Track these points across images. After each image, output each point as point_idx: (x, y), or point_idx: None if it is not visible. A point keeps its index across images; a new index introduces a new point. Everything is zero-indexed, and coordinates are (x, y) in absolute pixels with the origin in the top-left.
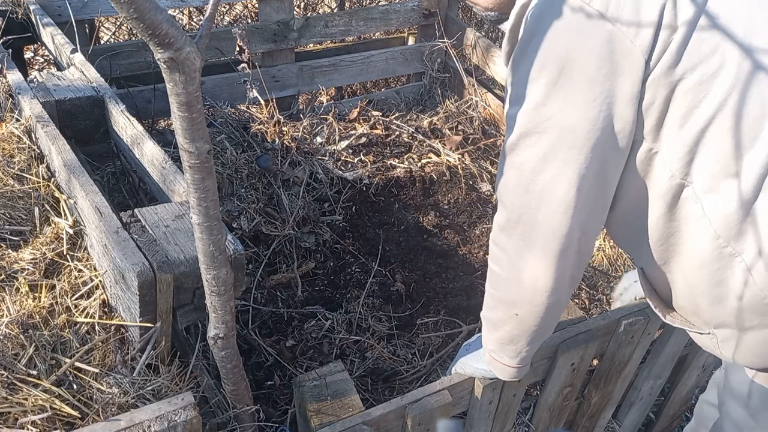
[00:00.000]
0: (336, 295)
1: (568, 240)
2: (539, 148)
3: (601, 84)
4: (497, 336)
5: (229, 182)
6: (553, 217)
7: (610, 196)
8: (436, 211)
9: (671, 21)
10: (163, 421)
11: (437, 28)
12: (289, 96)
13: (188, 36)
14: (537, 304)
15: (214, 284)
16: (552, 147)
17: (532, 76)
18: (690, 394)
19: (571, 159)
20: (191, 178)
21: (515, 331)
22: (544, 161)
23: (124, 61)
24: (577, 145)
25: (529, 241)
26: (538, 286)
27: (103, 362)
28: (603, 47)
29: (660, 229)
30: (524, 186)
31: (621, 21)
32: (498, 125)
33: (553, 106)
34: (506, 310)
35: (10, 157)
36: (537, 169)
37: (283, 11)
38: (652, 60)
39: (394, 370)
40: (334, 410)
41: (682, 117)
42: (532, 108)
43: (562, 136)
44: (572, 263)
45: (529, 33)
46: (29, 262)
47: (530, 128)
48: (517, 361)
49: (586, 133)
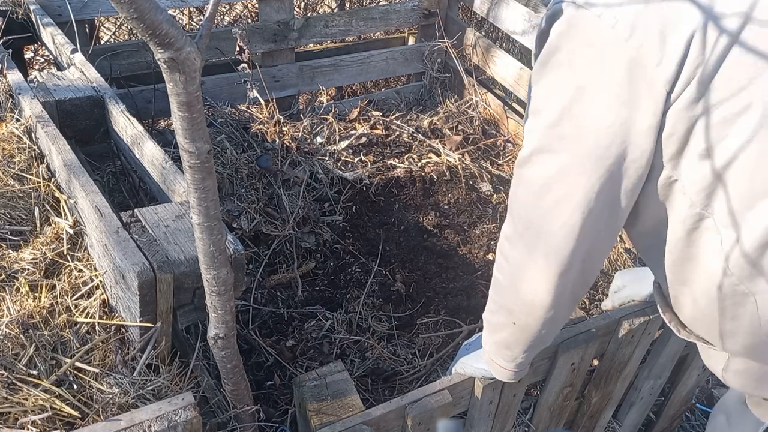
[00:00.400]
0: (336, 295)
1: (570, 261)
2: (550, 167)
3: (618, 111)
4: (495, 339)
5: (229, 182)
6: (556, 238)
7: (622, 220)
8: (436, 211)
9: (698, 54)
10: (164, 421)
11: (437, 28)
12: (289, 96)
13: (188, 36)
14: (535, 316)
15: (214, 284)
16: (562, 168)
17: (550, 93)
18: (690, 394)
19: (580, 183)
20: (191, 178)
21: (512, 338)
22: (553, 181)
23: (124, 61)
24: (588, 169)
25: (532, 255)
26: (536, 301)
27: (103, 362)
28: (623, 74)
29: (677, 253)
30: (532, 202)
31: (645, 49)
32: (498, 125)
33: (567, 128)
34: (505, 317)
35: (10, 157)
36: (545, 188)
37: (283, 11)
38: (674, 92)
39: (394, 370)
40: (334, 410)
41: (704, 151)
42: (546, 125)
43: (574, 159)
44: (574, 282)
45: (553, 47)
46: (29, 262)
47: (543, 145)
48: (513, 366)
49: (598, 158)
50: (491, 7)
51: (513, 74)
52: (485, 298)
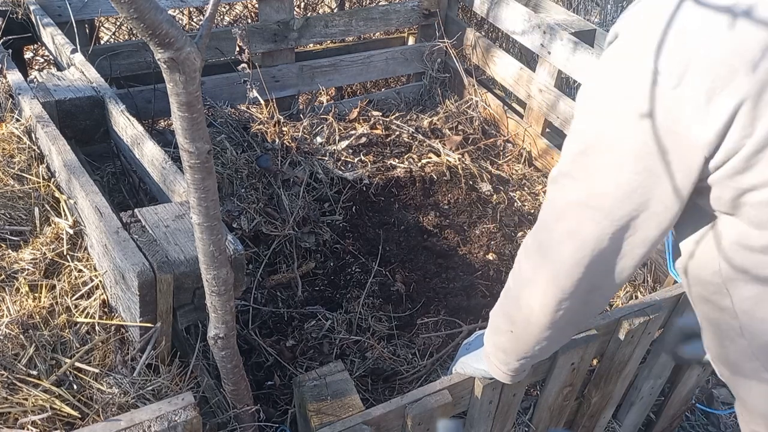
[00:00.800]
0: (336, 295)
1: (572, 292)
2: (569, 194)
3: (646, 160)
4: (495, 340)
5: (229, 182)
6: (563, 266)
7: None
8: (436, 211)
9: (747, 124)
10: (163, 421)
11: (437, 28)
12: (289, 96)
13: (188, 36)
14: (530, 332)
15: (214, 284)
16: (579, 199)
17: (585, 121)
18: (690, 394)
19: (594, 220)
20: (191, 178)
21: (508, 344)
22: (569, 209)
23: (124, 61)
24: (605, 208)
25: (537, 273)
26: (532, 318)
27: (103, 362)
28: (659, 124)
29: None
30: (549, 223)
31: (688, 105)
32: (498, 125)
33: (593, 163)
34: (506, 323)
35: (10, 157)
36: (562, 214)
37: (283, 11)
38: (714, 159)
39: (394, 370)
40: (334, 410)
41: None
42: (574, 152)
43: (592, 195)
44: (575, 311)
45: (599, 73)
46: (29, 262)
47: (569, 170)
48: (507, 369)
49: (617, 200)
50: (491, 7)
51: (513, 74)
52: (485, 298)
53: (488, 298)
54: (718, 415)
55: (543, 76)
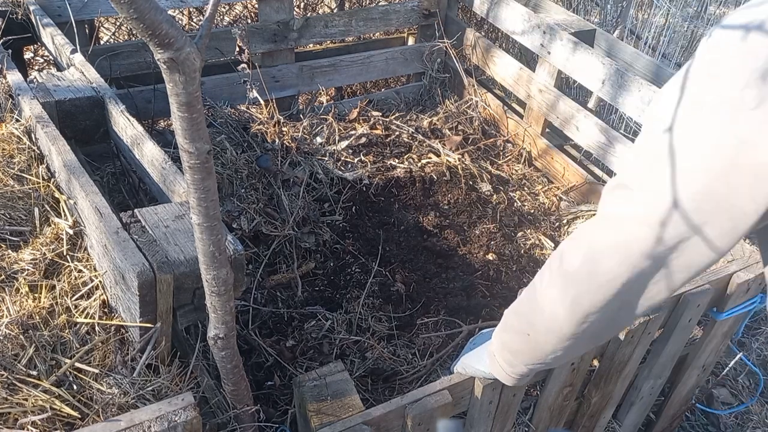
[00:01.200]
0: (336, 296)
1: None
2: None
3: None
4: (504, 338)
5: (229, 182)
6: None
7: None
8: (436, 211)
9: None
10: (163, 422)
11: (437, 28)
12: (289, 96)
13: (188, 36)
14: (549, 340)
15: (214, 284)
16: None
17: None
18: (690, 394)
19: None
20: (191, 178)
21: (520, 345)
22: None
23: (124, 62)
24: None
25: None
26: (554, 326)
27: (103, 363)
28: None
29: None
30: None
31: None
32: (498, 125)
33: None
34: (523, 324)
35: (10, 157)
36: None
37: (283, 11)
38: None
39: (394, 370)
40: (334, 410)
41: None
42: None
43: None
44: (600, 326)
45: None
46: (29, 262)
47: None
48: (510, 371)
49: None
50: (491, 7)
51: (513, 74)
52: (485, 298)
53: (488, 299)
54: (718, 415)
55: (543, 76)
